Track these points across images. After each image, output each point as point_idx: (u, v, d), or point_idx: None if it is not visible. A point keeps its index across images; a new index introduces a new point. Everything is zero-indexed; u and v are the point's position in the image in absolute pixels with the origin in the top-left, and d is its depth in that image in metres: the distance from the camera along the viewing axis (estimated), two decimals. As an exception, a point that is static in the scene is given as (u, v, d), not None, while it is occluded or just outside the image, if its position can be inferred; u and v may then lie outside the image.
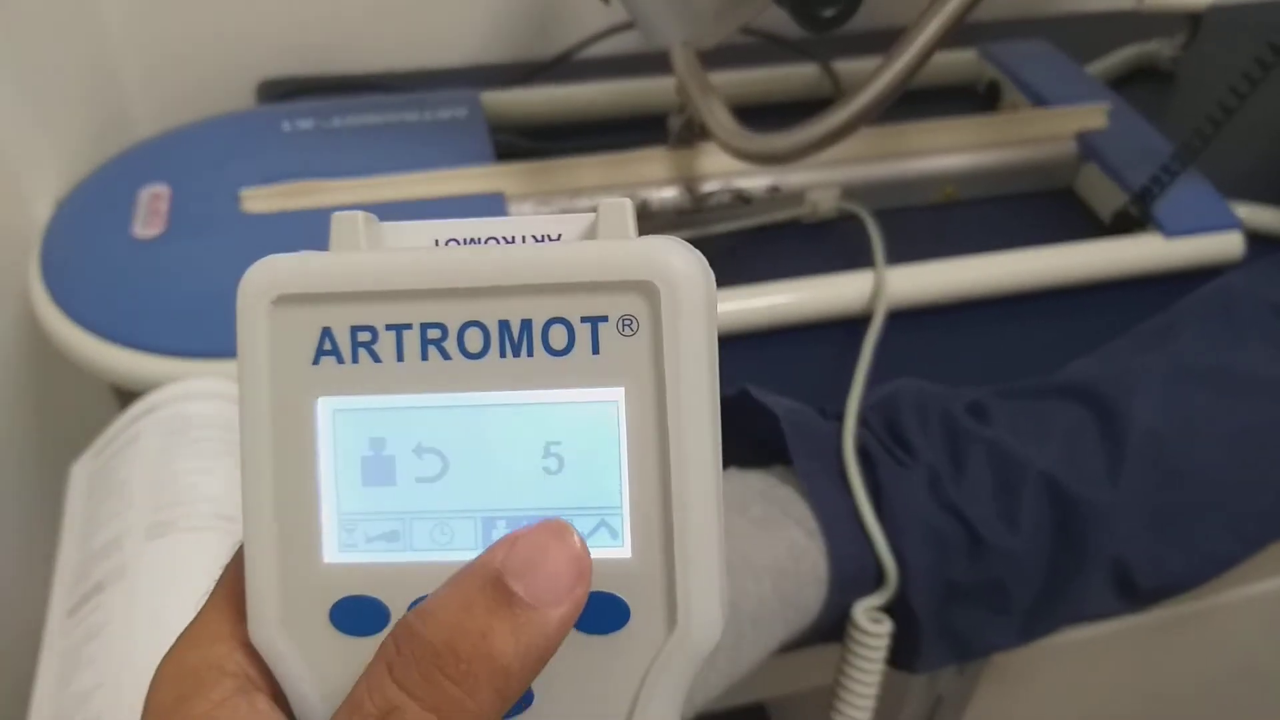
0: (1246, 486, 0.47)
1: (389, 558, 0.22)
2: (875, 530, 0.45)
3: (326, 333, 0.21)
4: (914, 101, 0.73)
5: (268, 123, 0.70)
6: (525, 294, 0.21)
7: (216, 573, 0.23)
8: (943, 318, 0.62)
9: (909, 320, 0.61)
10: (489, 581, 0.19)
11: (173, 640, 0.22)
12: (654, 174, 0.66)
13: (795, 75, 0.79)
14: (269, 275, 0.22)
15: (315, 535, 0.22)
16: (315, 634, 0.21)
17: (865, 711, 0.48)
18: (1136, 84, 0.85)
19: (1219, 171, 0.69)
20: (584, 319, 0.21)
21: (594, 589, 0.20)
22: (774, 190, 0.67)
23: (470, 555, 0.20)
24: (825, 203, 0.67)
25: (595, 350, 0.21)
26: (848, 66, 0.77)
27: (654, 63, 0.67)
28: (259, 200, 0.62)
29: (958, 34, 0.53)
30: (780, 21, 0.59)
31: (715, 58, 0.63)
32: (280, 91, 0.79)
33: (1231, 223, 0.66)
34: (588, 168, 0.65)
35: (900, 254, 0.62)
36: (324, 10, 0.81)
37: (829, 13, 0.50)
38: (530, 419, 0.21)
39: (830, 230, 0.68)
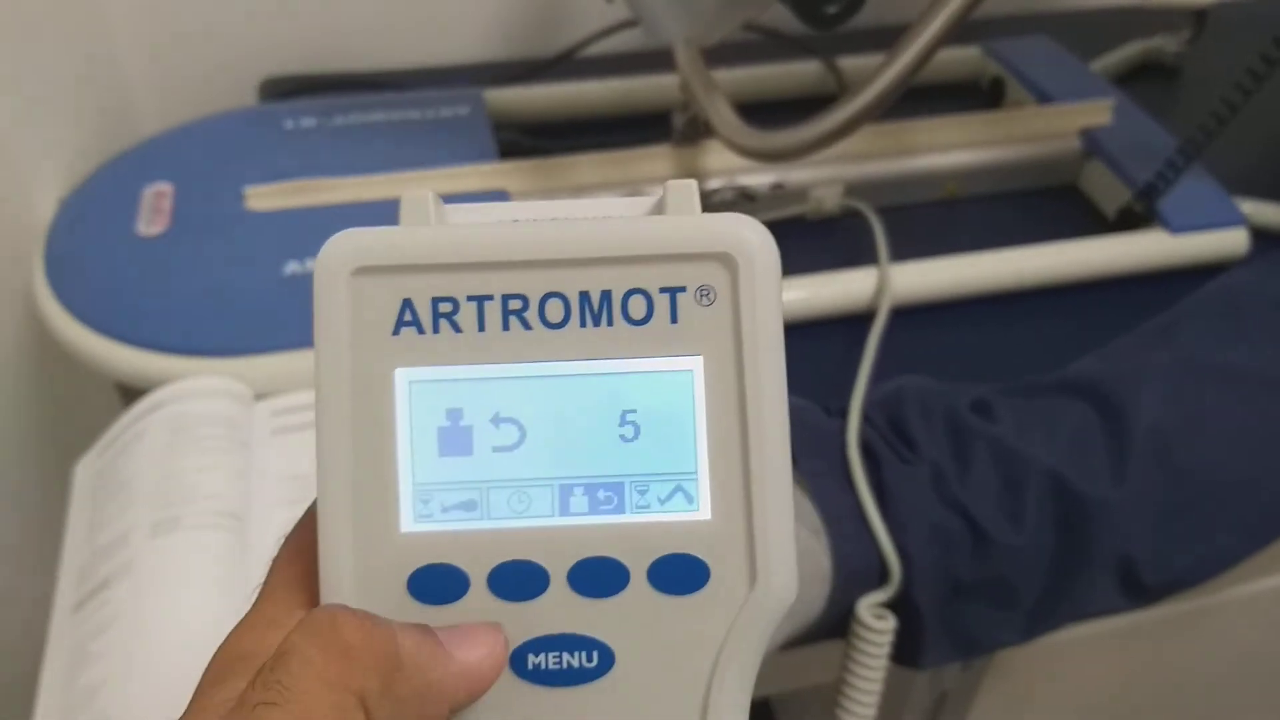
0: (1251, 484, 0.47)
1: (467, 526, 0.22)
2: (879, 527, 0.45)
3: (407, 304, 0.22)
4: (918, 98, 0.73)
5: (271, 121, 0.70)
6: (606, 265, 0.22)
7: (220, 570, 0.24)
8: (947, 314, 0.62)
9: (913, 317, 0.61)
10: None
11: (177, 635, 0.22)
12: (657, 171, 0.66)
13: (799, 72, 0.78)
14: (349, 247, 0.22)
15: (393, 505, 0.22)
16: (392, 604, 0.22)
17: (869, 707, 0.48)
18: (1141, 80, 0.85)
19: (1224, 168, 0.68)
20: (663, 289, 0.22)
21: (673, 551, 0.21)
22: (778, 187, 0.67)
23: (548, 522, 0.21)
24: (829, 200, 0.67)
25: (674, 320, 0.22)
26: (852, 63, 0.77)
27: (657, 60, 0.67)
28: (262, 198, 0.62)
29: (961, 31, 0.53)
30: (784, 18, 0.59)
31: (718, 55, 0.62)
32: (283, 89, 0.79)
33: (1236, 219, 0.66)
34: (591, 165, 0.65)
35: (904, 251, 0.62)
36: (327, 8, 0.81)
37: (832, 9, 0.50)
38: (607, 387, 0.22)
39: (834, 227, 0.68)
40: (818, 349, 0.59)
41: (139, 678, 0.42)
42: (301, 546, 0.22)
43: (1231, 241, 0.65)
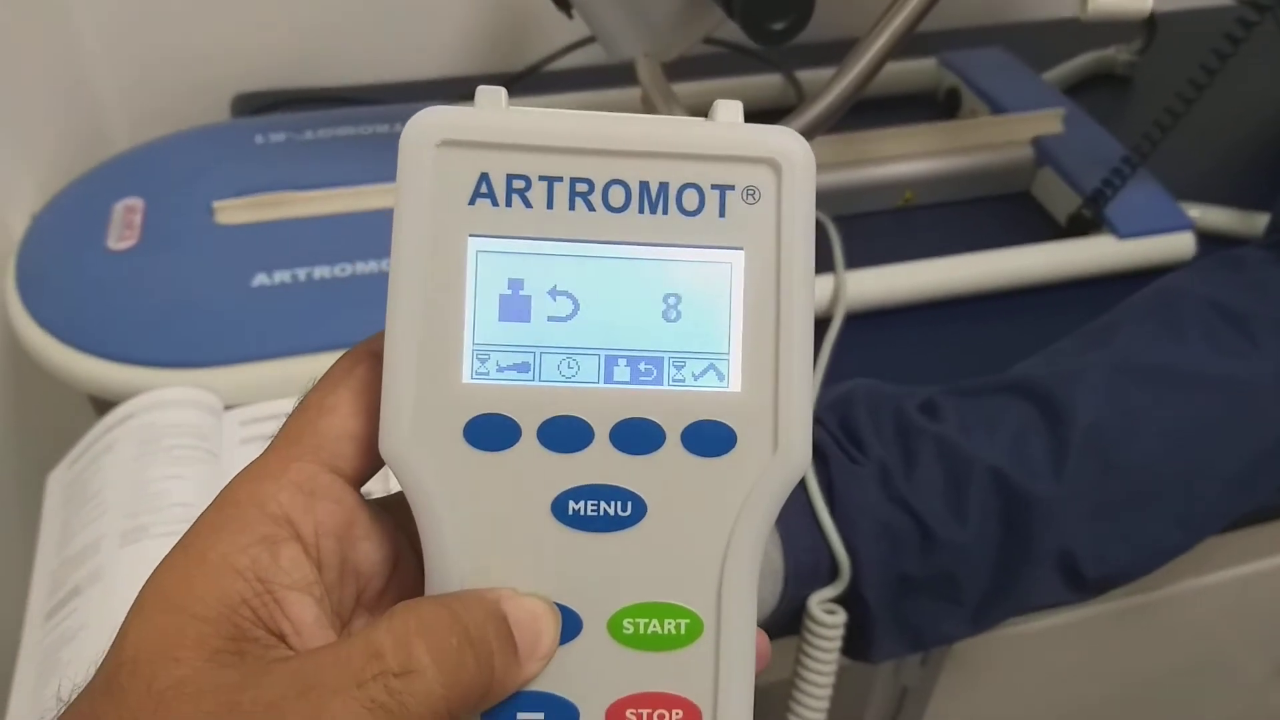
0: (1187, 478, 0.49)
1: (522, 383, 0.24)
2: (828, 525, 0.47)
3: (484, 177, 0.24)
4: (878, 109, 0.75)
5: (241, 136, 0.71)
6: (666, 159, 0.24)
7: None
8: (902, 319, 0.64)
9: (869, 321, 0.63)
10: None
11: None
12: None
13: (760, 85, 0.80)
14: (435, 121, 0.24)
15: (456, 359, 0.24)
16: (448, 448, 0.24)
17: (823, 700, 0.49)
18: (1095, 89, 0.87)
19: (1173, 173, 0.70)
20: (714, 186, 0.24)
21: (706, 418, 0.24)
22: (737, 197, 0.69)
23: (594, 386, 0.24)
24: (788, 209, 0.68)
25: (722, 214, 0.24)
26: (812, 75, 0.79)
27: (622, 74, 0.69)
28: (231, 212, 0.63)
29: (918, 43, 0.55)
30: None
31: (680, 68, 0.64)
32: (255, 105, 0.80)
33: (1183, 223, 0.68)
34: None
35: (861, 258, 0.64)
36: (299, 26, 0.82)
37: (779, 26, 0.52)
38: (656, 271, 0.24)
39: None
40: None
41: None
42: (308, 404, 0.24)
43: (1178, 245, 0.67)
